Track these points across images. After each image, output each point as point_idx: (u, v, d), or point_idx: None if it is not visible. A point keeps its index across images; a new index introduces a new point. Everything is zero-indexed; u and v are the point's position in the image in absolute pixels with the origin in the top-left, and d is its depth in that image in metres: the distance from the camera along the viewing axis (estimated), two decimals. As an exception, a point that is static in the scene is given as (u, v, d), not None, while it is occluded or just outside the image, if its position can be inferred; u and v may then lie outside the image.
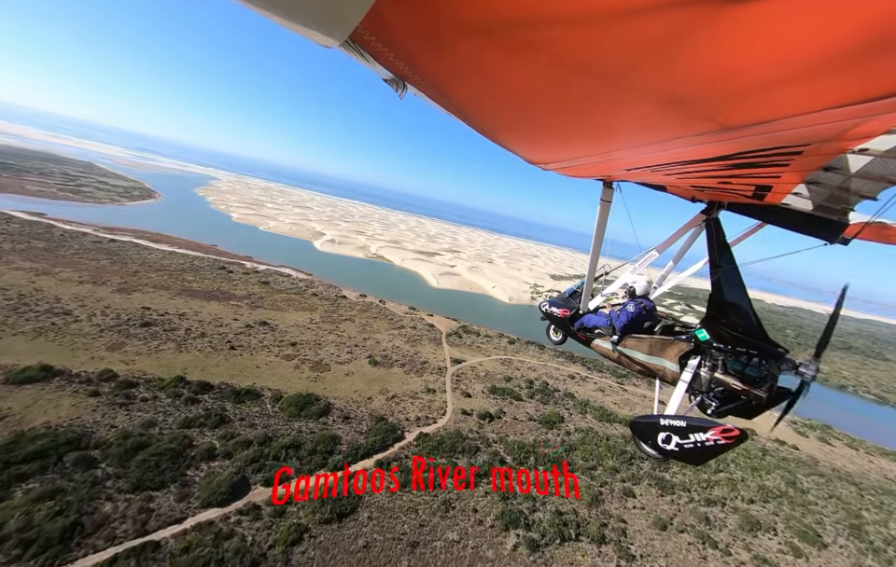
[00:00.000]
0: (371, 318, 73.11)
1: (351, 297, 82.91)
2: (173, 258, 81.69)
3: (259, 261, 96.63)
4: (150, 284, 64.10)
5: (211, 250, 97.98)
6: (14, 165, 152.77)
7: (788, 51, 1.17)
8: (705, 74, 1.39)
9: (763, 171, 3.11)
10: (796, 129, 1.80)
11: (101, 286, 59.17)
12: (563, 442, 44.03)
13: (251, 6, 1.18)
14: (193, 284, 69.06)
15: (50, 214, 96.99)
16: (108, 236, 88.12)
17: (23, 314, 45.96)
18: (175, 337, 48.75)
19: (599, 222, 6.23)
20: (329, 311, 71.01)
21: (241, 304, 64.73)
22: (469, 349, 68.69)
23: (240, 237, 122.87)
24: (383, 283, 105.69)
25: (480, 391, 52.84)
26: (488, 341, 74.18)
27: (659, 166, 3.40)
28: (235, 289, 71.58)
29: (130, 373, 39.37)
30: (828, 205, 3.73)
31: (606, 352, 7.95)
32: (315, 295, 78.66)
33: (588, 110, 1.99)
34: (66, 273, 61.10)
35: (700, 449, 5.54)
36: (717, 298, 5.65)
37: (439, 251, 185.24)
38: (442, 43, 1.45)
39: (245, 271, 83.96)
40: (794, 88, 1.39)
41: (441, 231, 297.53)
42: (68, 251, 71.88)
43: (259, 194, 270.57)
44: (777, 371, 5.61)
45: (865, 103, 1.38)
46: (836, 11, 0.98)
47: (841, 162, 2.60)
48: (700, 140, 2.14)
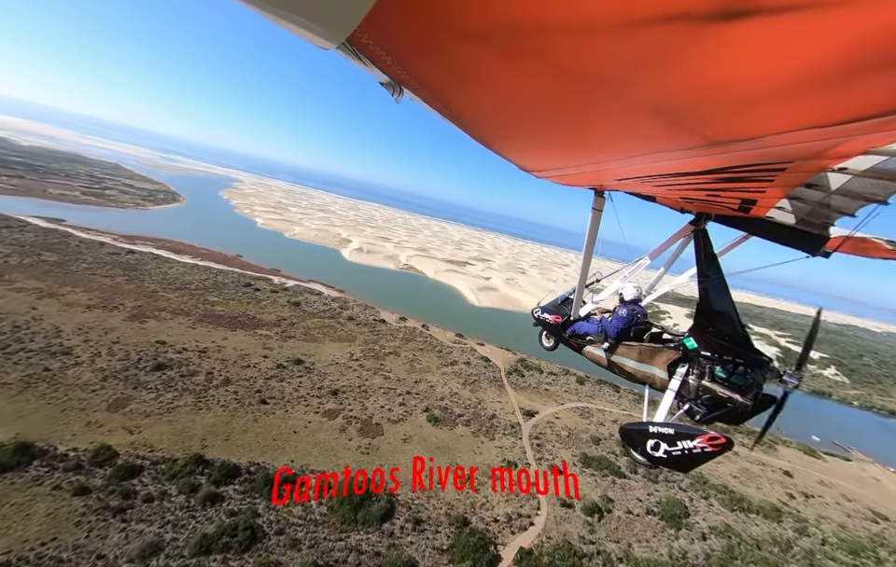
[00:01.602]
0: (418, 349, 62.48)
1: (390, 321, 72.60)
2: (195, 273, 73.28)
3: (287, 275, 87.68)
4: (168, 309, 55.27)
5: (235, 262, 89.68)
6: (41, 167, 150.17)
7: (772, 71, 1.21)
8: (694, 89, 1.43)
9: (749, 185, 3.18)
10: (780, 146, 1.85)
11: (111, 312, 50.54)
12: (708, 558, 31.96)
13: (250, 6, 1.18)
14: (216, 307, 60.04)
15: (70, 220, 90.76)
16: (127, 246, 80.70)
17: (13, 354, 37.21)
18: (193, 385, 39.15)
19: (591, 230, 6.39)
20: (370, 342, 60.75)
21: (270, 334, 55.15)
22: (537, 392, 57.11)
23: (265, 245, 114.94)
24: (420, 300, 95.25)
25: (569, 462, 41.25)
26: (554, 380, 62.38)
27: (649, 177, 3.44)
28: (263, 313, 62.23)
29: (133, 449, 29.69)
30: (810, 220, 3.76)
31: (597, 359, 7.90)
32: (350, 319, 68.67)
33: (582, 121, 2.04)
34: (74, 294, 52.83)
35: (687, 456, 5.52)
36: (704, 307, 5.72)
37: (469, 260, 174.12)
38: (439, 48, 1.45)
39: (273, 289, 74.83)
40: (778, 107, 1.45)
41: (466, 237, 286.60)
42: (81, 265, 64.14)
43: (282, 197, 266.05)
44: (761, 380, 5.70)
45: (845, 124, 1.45)
46: (818, 35, 1.02)
47: (822, 180, 2.63)
48: (689, 154, 2.18)
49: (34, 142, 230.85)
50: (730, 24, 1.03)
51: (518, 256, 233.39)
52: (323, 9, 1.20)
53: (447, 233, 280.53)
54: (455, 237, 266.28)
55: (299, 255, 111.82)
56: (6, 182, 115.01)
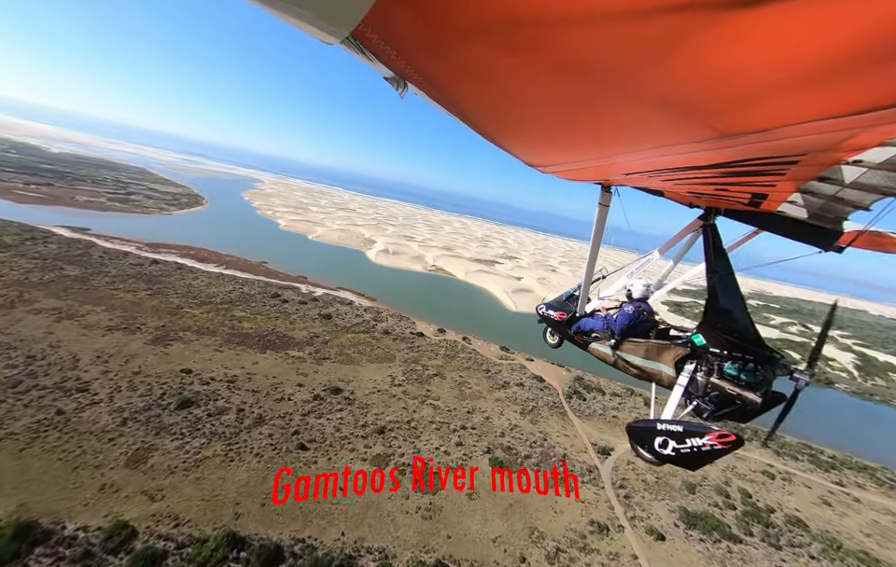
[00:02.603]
0: (464, 369, 55.91)
1: (428, 334, 66.28)
2: (220, 284, 68.88)
3: (315, 283, 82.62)
4: (193, 328, 50.53)
5: (261, 269, 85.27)
6: (70, 174, 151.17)
7: (786, 61, 1.17)
8: (704, 80, 1.39)
9: (760, 179, 3.05)
10: (792, 138, 1.80)
11: (133, 334, 46.02)
12: None
13: (256, 3, 1.17)
14: (244, 324, 55.08)
15: (95, 228, 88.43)
16: (151, 255, 77.25)
17: (24, 394, 32.67)
18: (222, 427, 33.76)
19: (597, 225, 6.23)
20: (410, 361, 54.55)
21: (303, 355, 49.64)
22: (604, 420, 49.62)
23: (289, 249, 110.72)
24: (455, 306, 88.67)
25: (669, 522, 33.84)
26: (620, 404, 54.65)
27: (657, 171, 3.34)
28: (293, 329, 56.94)
29: (155, 523, 24.27)
30: (822, 214, 3.60)
31: (603, 356, 7.69)
32: (386, 332, 62.68)
33: (588, 114, 1.98)
34: (95, 314, 48.67)
35: (697, 453, 5.39)
36: (713, 303, 5.58)
37: (496, 258, 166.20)
38: (442, 43, 1.44)
39: (302, 299, 69.65)
40: (792, 97, 1.39)
41: (488, 232, 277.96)
42: (103, 279, 60.43)
43: (302, 196, 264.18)
44: (771, 376, 5.50)
45: (860, 114, 1.38)
46: (833, 22, 0.98)
47: (835, 173, 2.53)
48: (698, 147, 2.13)
49: (63, 149, 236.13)
50: (743, 11, 0.98)
51: (545, 253, 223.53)
52: (327, 4, 1.18)
53: (469, 229, 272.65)
54: (478, 233, 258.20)
55: (324, 259, 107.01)
56: (35, 190, 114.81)
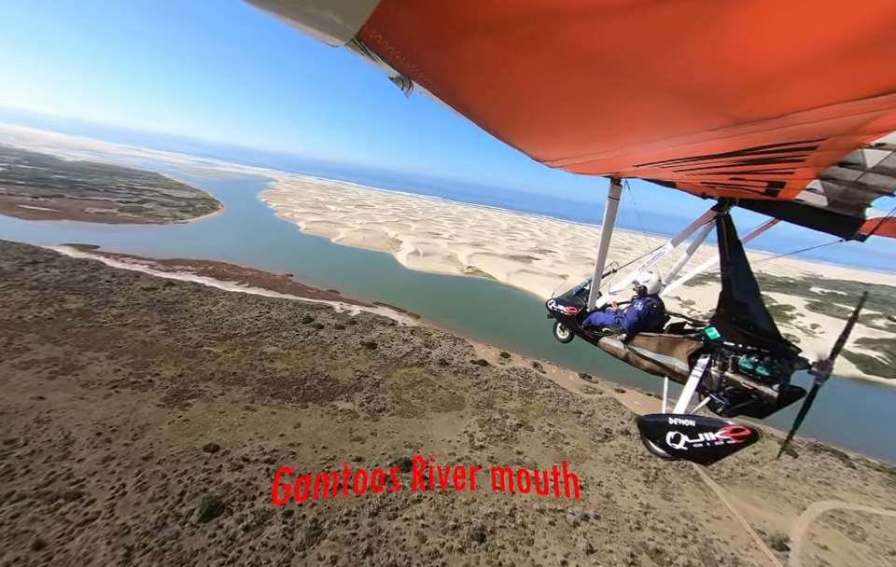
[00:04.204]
0: (549, 411, 44.69)
1: (491, 360, 55.20)
2: (244, 309, 59.14)
3: (348, 298, 72.35)
4: (217, 376, 40.63)
5: (287, 284, 75.41)
6: (81, 183, 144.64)
7: (804, 42, 1.13)
8: (718, 66, 1.34)
9: (777, 166, 2.93)
10: (812, 122, 1.74)
11: (144, 392, 36.38)
12: None
13: (256, 7, 1.16)
14: (277, 364, 45.02)
15: (104, 244, 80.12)
16: (166, 275, 68.16)
17: (-9, 514, 23.08)
18: (266, 552, 23.50)
19: (607, 219, 6.03)
20: (483, 405, 43.60)
21: (354, 407, 39.24)
22: (750, 485, 37.72)
23: (313, 256, 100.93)
24: (507, 318, 77.23)
25: None
26: (757, 454, 42.48)
27: (669, 162, 3.21)
28: (336, 366, 46.61)
29: None
30: (843, 201, 3.41)
31: (614, 351, 7.43)
32: (443, 363, 51.88)
33: (597, 106, 1.93)
34: (98, 364, 39.23)
35: (710, 448, 5.21)
36: (728, 296, 5.41)
37: (531, 253, 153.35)
38: (448, 41, 1.42)
39: (338, 322, 59.36)
40: (811, 80, 1.34)
41: (511, 223, 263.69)
42: (111, 311, 51.26)
43: (317, 194, 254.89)
44: (789, 370, 5.24)
45: (884, 95, 1.34)
46: (853, 0, 0.94)
47: (857, 157, 2.45)
48: (712, 135, 2.08)
49: (78, 157, 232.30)
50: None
51: (578, 244, 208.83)
52: (332, 7, 1.17)
53: (491, 221, 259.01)
54: (502, 225, 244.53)
55: (352, 267, 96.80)
56: (44, 204, 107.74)
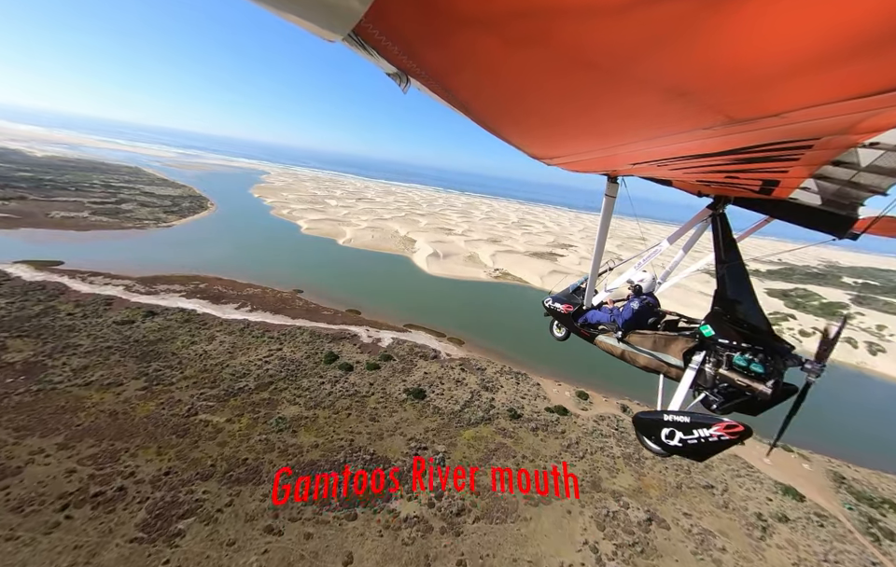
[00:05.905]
0: (671, 486, 33.03)
1: (570, 405, 43.23)
2: (248, 347, 46.19)
3: (373, 320, 59.59)
4: (220, 470, 27.99)
5: (297, 305, 62.31)
6: (50, 182, 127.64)
7: (800, 41, 1.14)
8: (714, 64, 1.35)
9: (772, 165, 2.98)
10: (807, 121, 1.75)
11: (111, 514, 23.71)
12: None
13: (256, 2, 1.16)
14: (301, 438, 32.56)
15: (70, 260, 65.79)
16: (146, 301, 54.59)
17: None
18: None
19: (604, 217, 6.14)
20: (588, 486, 31.78)
21: (421, 510, 27.14)
22: None
23: (322, 263, 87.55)
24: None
25: None
26: None
27: (665, 160, 3.29)
28: (381, 436, 34.29)
29: None
30: (837, 200, 3.45)
31: (609, 349, 7.58)
32: (514, 415, 39.88)
33: (593, 104, 1.95)
34: (40, 463, 26.27)
35: (704, 444, 5.33)
36: (722, 294, 5.51)
37: (552, 249, 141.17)
38: (446, 36, 1.42)
39: (370, 360, 46.76)
40: (806, 79, 1.36)
41: (519, 214, 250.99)
42: (69, 363, 38.00)
43: (314, 188, 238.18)
44: (782, 368, 5.38)
45: (878, 94, 1.34)
46: (848, 0, 0.95)
47: (851, 156, 2.48)
48: (708, 133, 2.10)
49: (49, 151, 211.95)
50: None
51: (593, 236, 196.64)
52: (329, 1, 1.16)
53: (499, 213, 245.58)
54: (511, 216, 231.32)
55: (368, 276, 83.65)
56: (1, 207, 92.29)
